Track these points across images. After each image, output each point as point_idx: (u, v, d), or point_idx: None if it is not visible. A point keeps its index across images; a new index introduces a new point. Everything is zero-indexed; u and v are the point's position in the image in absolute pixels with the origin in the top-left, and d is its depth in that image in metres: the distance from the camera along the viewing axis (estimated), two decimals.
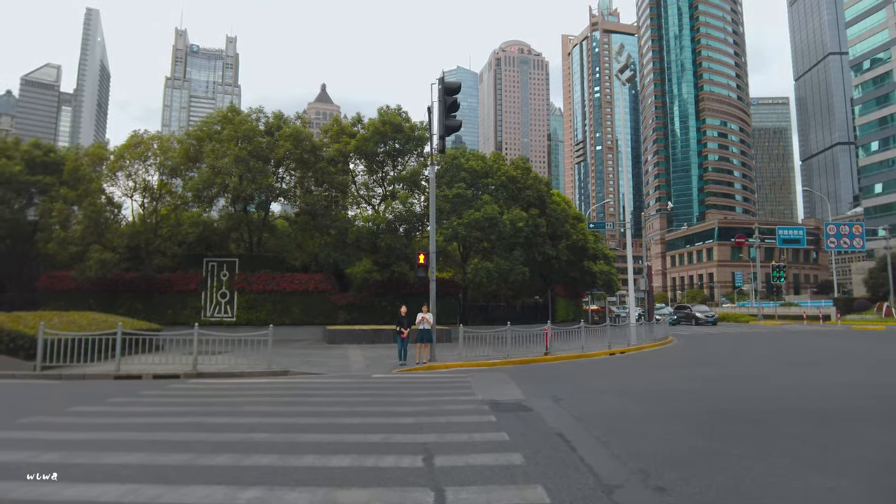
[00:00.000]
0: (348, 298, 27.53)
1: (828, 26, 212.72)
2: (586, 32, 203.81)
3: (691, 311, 47.70)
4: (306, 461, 5.70)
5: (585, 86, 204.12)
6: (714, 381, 12.18)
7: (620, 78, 23.85)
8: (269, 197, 28.99)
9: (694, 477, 5.08)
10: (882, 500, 4.70)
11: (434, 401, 9.59)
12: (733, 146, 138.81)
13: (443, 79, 16.69)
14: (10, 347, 13.65)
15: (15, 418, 8.01)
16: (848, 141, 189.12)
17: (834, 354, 19.11)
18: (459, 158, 29.27)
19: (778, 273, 51.60)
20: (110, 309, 23.34)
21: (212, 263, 26.96)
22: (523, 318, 31.12)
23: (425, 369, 15.11)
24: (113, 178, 26.76)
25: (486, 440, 6.64)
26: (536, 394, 10.21)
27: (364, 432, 7.08)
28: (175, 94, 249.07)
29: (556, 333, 19.44)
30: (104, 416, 8.33)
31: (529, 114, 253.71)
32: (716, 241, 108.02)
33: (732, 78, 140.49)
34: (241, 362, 14.75)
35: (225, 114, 29.13)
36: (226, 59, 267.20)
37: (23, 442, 6.56)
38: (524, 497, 4.62)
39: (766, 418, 7.88)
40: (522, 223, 26.72)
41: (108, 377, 12.80)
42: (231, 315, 26.53)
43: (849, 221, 65.65)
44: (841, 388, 11.08)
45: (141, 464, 5.60)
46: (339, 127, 30.69)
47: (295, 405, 9.50)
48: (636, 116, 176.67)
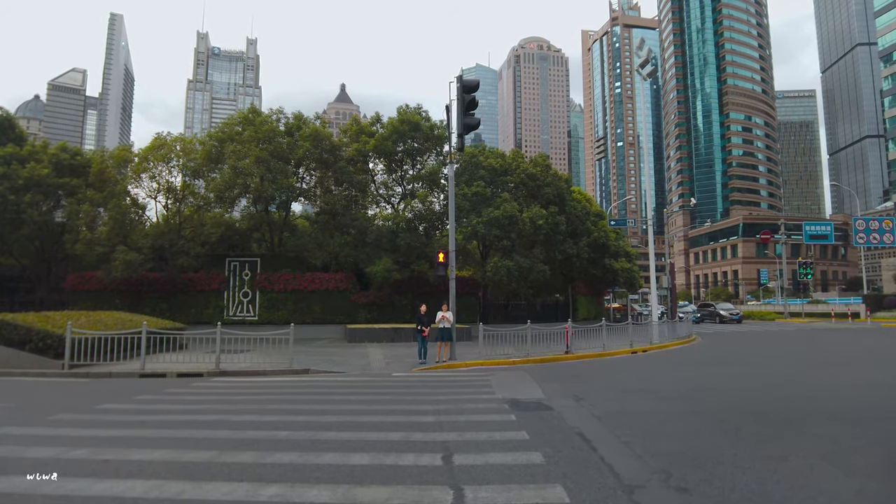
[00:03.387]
0: (368, 297, 27.65)
1: (856, 16, 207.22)
2: (606, 27, 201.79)
3: (715, 308, 46.96)
4: (327, 459, 5.74)
5: (606, 81, 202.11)
6: (738, 381, 11.98)
7: (641, 73, 23.53)
8: (290, 197, 29.24)
9: (717, 477, 5.00)
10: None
11: (454, 399, 9.59)
12: (758, 140, 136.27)
13: (461, 77, 16.65)
14: (40, 347, 14.00)
15: (45, 415, 8.22)
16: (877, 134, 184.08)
17: (863, 353, 18.65)
18: (478, 156, 29.19)
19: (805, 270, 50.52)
20: (136, 308, 23.80)
21: (234, 263, 27.29)
22: (543, 316, 30.97)
23: (445, 368, 15.12)
24: (137, 179, 27.25)
25: (505, 439, 6.62)
26: (557, 393, 10.14)
27: (384, 430, 7.11)
28: (197, 97, 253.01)
29: (576, 332, 19.29)
30: (130, 414, 8.50)
31: (549, 111, 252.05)
32: (740, 237, 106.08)
33: (757, 71, 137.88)
34: (263, 361, 14.92)
35: (246, 115, 29.46)
36: (246, 60, 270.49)
37: (53, 438, 6.72)
38: (543, 496, 4.60)
39: (792, 418, 7.72)
40: (542, 221, 26.56)
41: (133, 375, 13.05)
42: (253, 314, 26.84)
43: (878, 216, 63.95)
44: (871, 388, 10.82)
45: (166, 460, 5.70)
46: (358, 127, 30.81)
47: (316, 403, 9.58)
48: (658, 112, 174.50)
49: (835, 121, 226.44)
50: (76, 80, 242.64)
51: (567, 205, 30.23)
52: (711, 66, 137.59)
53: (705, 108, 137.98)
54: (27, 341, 14.02)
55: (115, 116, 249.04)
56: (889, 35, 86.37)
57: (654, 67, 24.32)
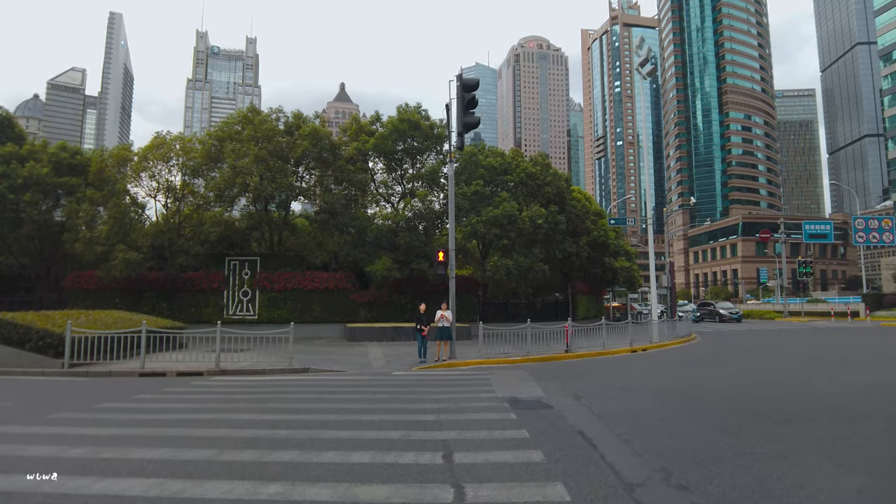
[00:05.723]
0: (368, 296, 27.65)
1: (855, 15, 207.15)
2: (606, 26, 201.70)
3: (715, 307, 46.98)
4: (327, 457, 5.73)
5: (605, 80, 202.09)
6: (738, 379, 11.98)
7: (641, 72, 23.53)
8: (290, 196, 29.24)
9: (717, 476, 5.00)
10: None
11: (454, 398, 9.59)
12: (757, 140, 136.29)
13: (461, 76, 16.63)
14: (40, 345, 14.00)
15: (45, 414, 8.21)
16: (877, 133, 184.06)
17: (863, 352, 18.65)
18: (478, 155, 29.17)
19: (804, 268, 50.53)
20: (135, 308, 23.79)
21: (234, 262, 27.28)
22: (543, 315, 30.93)
23: (445, 367, 15.12)
24: (137, 178, 27.24)
25: (506, 437, 6.62)
26: (557, 391, 10.14)
27: (384, 429, 7.11)
28: (196, 96, 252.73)
29: (576, 331, 19.30)
30: (130, 413, 8.50)
31: (548, 110, 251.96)
32: (740, 236, 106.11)
33: (756, 70, 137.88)
34: (263, 360, 14.92)
35: (245, 114, 29.43)
36: (246, 59, 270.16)
37: (52, 437, 6.72)
38: (544, 494, 4.59)
39: (793, 417, 7.72)
40: (542, 220, 26.55)
41: (133, 374, 13.04)
42: (253, 313, 26.84)
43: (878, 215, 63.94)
44: (871, 386, 10.82)
45: (166, 459, 5.69)
46: (357, 126, 30.79)
47: (316, 402, 9.58)
48: (657, 111, 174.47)
49: (834, 120, 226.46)
50: (75, 80, 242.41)
51: (567, 204, 30.21)
52: (711, 65, 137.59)
53: (705, 107, 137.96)
54: (27, 340, 14.02)
55: (115, 115, 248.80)
56: (889, 34, 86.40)
57: (653, 66, 24.29)
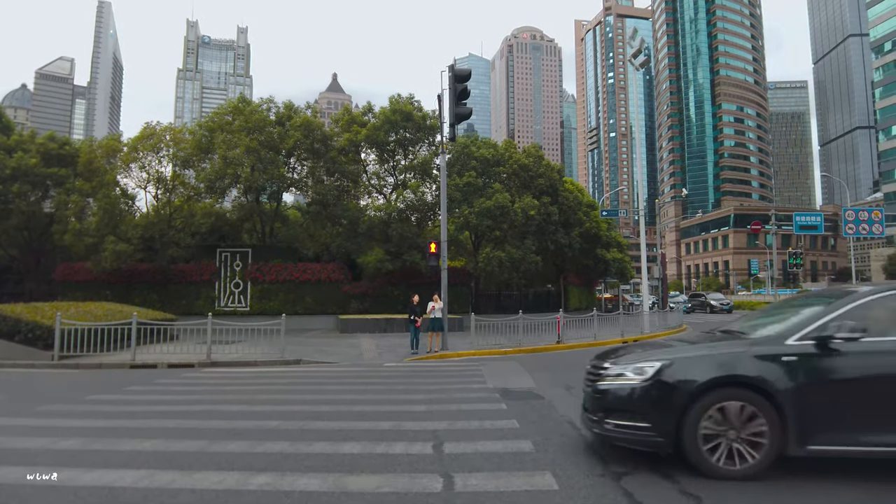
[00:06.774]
0: (360, 288, 27.64)
1: (848, 7, 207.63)
2: (600, 17, 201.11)
3: (706, 298, 47.35)
4: (317, 448, 5.75)
5: (599, 72, 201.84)
6: None
7: (634, 63, 23.54)
8: (281, 187, 29.10)
9: None
10: None
11: (445, 389, 9.63)
12: (750, 131, 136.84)
13: (453, 66, 16.54)
14: (29, 337, 13.93)
15: (34, 406, 8.18)
16: (868, 125, 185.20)
17: None
18: (470, 147, 29.14)
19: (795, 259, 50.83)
20: (126, 299, 23.67)
21: (225, 254, 27.18)
22: (535, 306, 31.07)
23: (437, 358, 15.16)
24: (127, 169, 27.04)
25: (496, 427, 6.66)
26: (548, 382, 10.20)
27: (375, 420, 7.13)
28: (187, 86, 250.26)
29: (568, 322, 19.36)
30: (120, 405, 8.48)
31: (542, 101, 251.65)
32: (731, 228, 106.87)
33: (749, 62, 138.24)
34: (255, 351, 14.91)
35: (236, 104, 29.22)
36: (237, 49, 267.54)
37: (42, 429, 6.69)
38: (532, 483, 4.63)
39: None
40: (534, 211, 26.61)
41: (124, 366, 12.99)
42: (244, 305, 26.78)
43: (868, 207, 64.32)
44: None
45: (156, 450, 5.69)
46: (349, 116, 30.63)
47: (307, 393, 9.59)
48: (650, 102, 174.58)
49: (826, 112, 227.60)
50: (64, 69, 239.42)
51: (559, 195, 30.27)
52: (704, 56, 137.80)
53: (698, 98, 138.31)
54: (16, 332, 13.95)
55: (104, 106, 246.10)
56: (881, 26, 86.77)
57: (646, 58, 24.30)
